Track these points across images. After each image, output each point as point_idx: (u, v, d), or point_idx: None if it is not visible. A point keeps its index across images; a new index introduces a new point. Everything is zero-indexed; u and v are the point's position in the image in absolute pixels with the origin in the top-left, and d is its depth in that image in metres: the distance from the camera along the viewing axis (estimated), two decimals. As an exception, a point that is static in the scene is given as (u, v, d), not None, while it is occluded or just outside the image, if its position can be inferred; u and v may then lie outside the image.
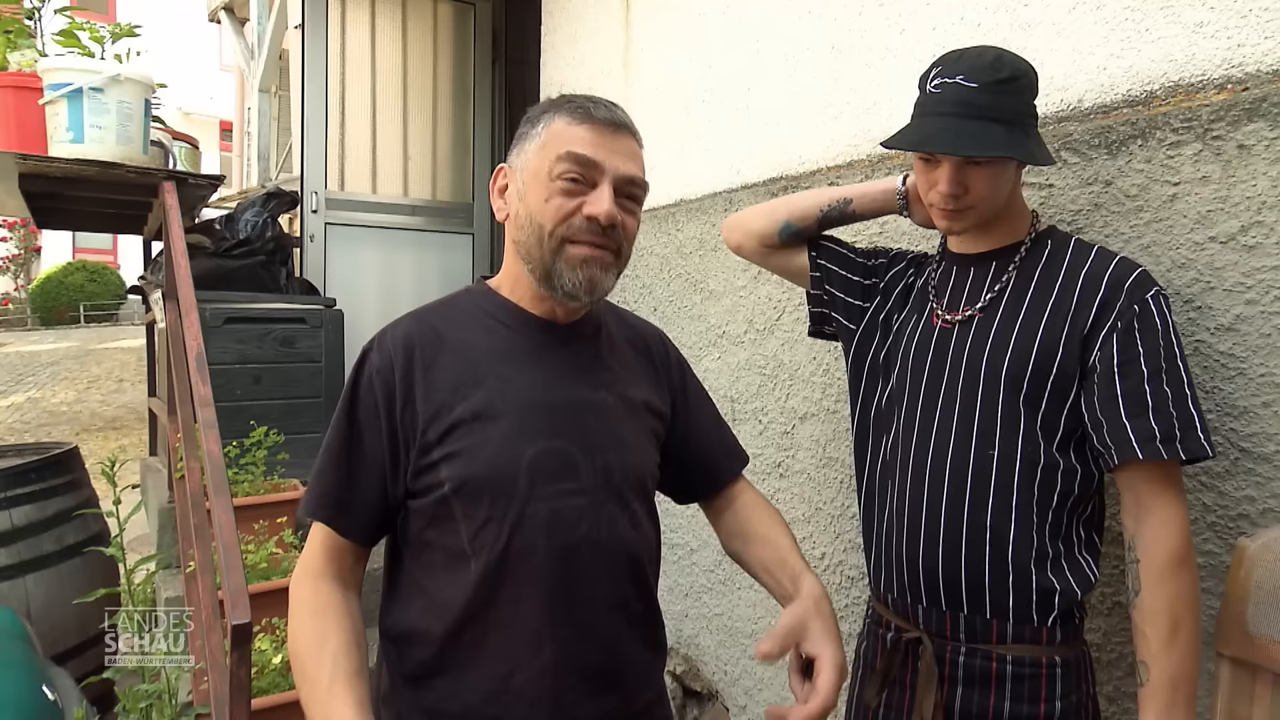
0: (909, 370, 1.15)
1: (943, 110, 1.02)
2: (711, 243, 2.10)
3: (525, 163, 0.96)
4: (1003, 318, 1.06)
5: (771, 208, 1.34)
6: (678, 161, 2.27)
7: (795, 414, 1.85)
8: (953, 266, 1.17)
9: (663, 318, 2.30)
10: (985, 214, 1.08)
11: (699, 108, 2.19)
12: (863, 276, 1.28)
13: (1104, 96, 1.29)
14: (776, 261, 1.37)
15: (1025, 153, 1.00)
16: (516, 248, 0.97)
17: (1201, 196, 1.14)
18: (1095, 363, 1.00)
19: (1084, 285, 1.02)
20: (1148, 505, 0.97)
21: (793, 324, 1.86)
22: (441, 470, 0.90)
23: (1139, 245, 1.20)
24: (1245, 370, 1.10)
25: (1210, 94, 1.15)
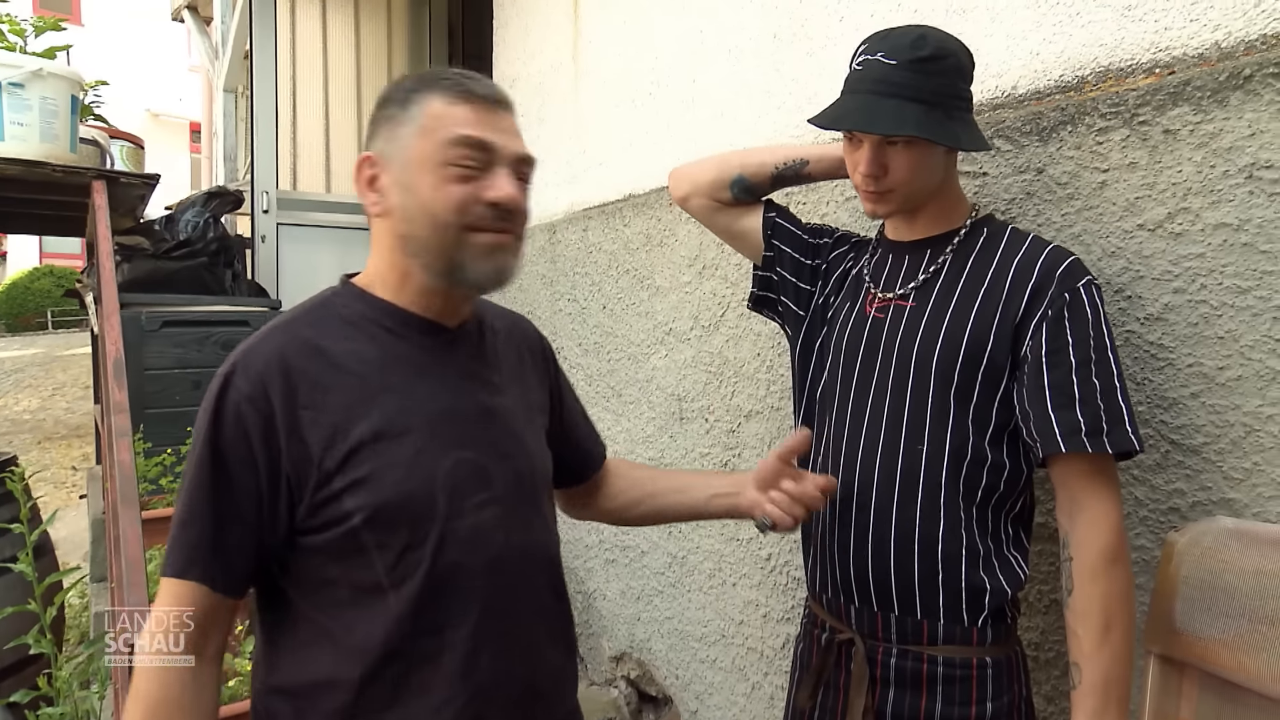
0: (840, 361, 1.13)
1: (861, 88, 1.00)
2: (658, 238, 2.07)
3: (403, 150, 0.88)
4: (934, 307, 1.04)
5: (723, 159, 1.29)
6: (627, 156, 2.24)
7: (740, 412, 1.83)
8: (888, 254, 1.14)
9: (611, 314, 2.27)
10: (909, 198, 1.05)
11: (646, 101, 2.16)
12: (809, 257, 1.25)
13: (1037, 82, 1.27)
14: (722, 220, 1.31)
15: (943, 133, 0.98)
16: (403, 243, 0.89)
17: (1130, 184, 1.12)
18: (1025, 352, 0.97)
19: (1016, 273, 1.00)
20: (1080, 501, 0.95)
21: (737, 320, 1.84)
22: (346, 501, 0.82)
23: (1070, 234, 1.18)
24: (1174, 361, 1.08)
25: (1139, 78, 1.13)
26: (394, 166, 0.88)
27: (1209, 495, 1.05)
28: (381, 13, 3.63)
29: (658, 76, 2.12)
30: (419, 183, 0.86)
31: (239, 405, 0.82)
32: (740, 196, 1.28)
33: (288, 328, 0.89)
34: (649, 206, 2.11)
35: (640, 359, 2.15)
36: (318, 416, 0.83)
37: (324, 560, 0.84)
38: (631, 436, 2.19)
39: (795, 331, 1.25)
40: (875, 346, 1.08)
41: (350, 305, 0.92)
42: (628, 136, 2.23)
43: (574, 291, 2.44)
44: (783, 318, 1.28)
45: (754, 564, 1.82)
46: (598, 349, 2.33)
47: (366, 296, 0.93)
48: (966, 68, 1.04)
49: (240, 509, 0.82)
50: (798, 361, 1.23)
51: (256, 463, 0.82)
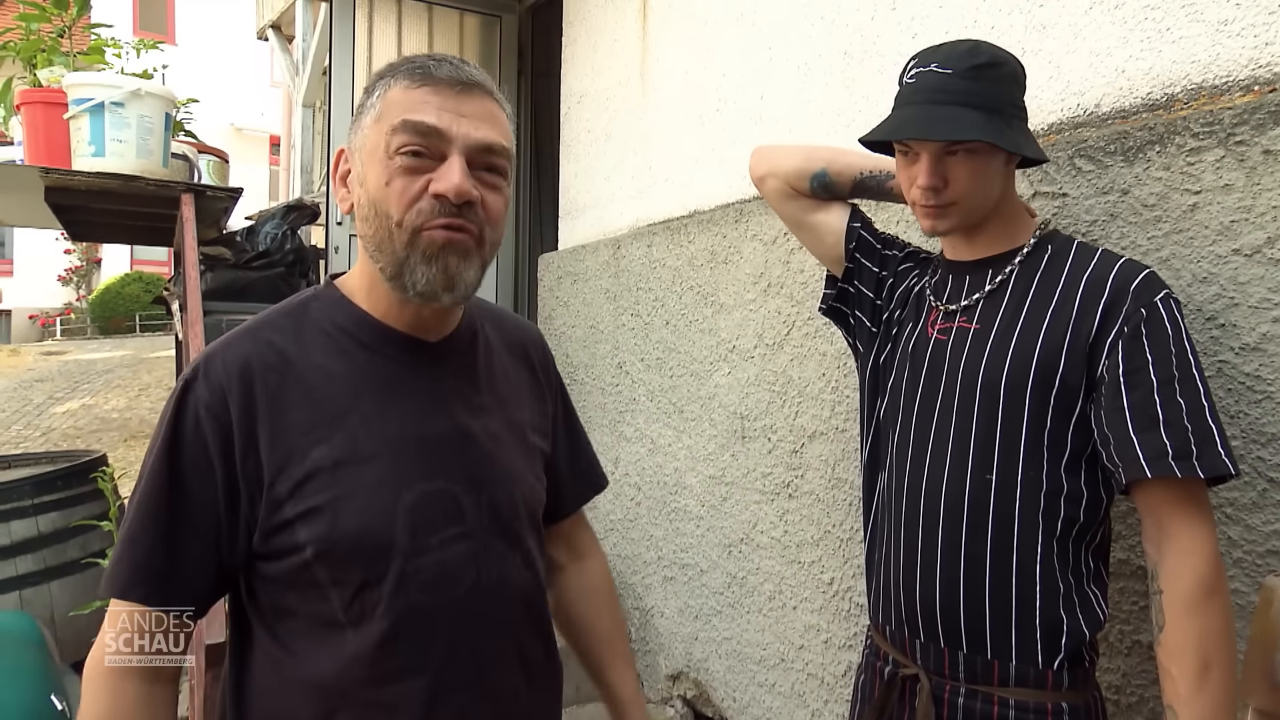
0: (903, 384, 1.10)
1: (917, 99, 0.98)
2: (723, 255, 2.06)
3: (362, 140, 0.79)
4: (999, 329, 1.01)
5: (811, 151, 1.26)
6: (693, 172, 2.24)
7: (804, 432, 1.80)
8: (948, 274, 1.11)
9: (674, 330, 2.27)
10: (970, 211, 1.02)
11: (713, 117, 2.16)
12: (880, 268, 1.22)
13: (1122, 100, 1.23)
14: (794, 209, 1.27)
15: (1005, 139, 0.95)
16: (363, 244, 0.81)
17: (1224, 206, 1.07)
18: (1102, 373, 0.93)
19: (1086, 290, 0.96)
20: (1169, 530, 0.89)
21: (803, 339, 1.81)
22: (299, 531, 0.75)
23: (1158, 258, 1.14)
24: (1273, 394, 1.03)
25: (1235, 96, 1.09)
26: (355, 159, 0.81)
27: None
28: (454, 31, 3.73)
29: (725, 93, 2.11)
30: (370, 175, 0.78)
31: (198, 413, 0.75)
32: (818, 192, 1.25)
33: (257, 333, 0.81)
34: (714, 223, 2.10)
35: (703, 376, 2.14)
36: (275, 436, 0.76)
37: (283, 588, 0.77)
38: (693, 454, 2.18)
39: (866, 348, 1.21)
40: (938, 370, 1.05)
41: (327, 312, 0.84)
42: (694, 153, 2.23)
43: (637, 306, 2.44)
44: (854, 333, 1.25)
45: (815, 588, 1.78)
46: (660, 364, 2.33)
47: (345, 304, 0.84)
48: (1021, 77, 1.02)
49: (196, 524, 0.75)
50: (867, 380, 1.20)
51: (215, 476, 0.75)
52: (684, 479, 2.22)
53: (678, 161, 2.30)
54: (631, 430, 2.47)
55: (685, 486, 2.22)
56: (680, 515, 2.25)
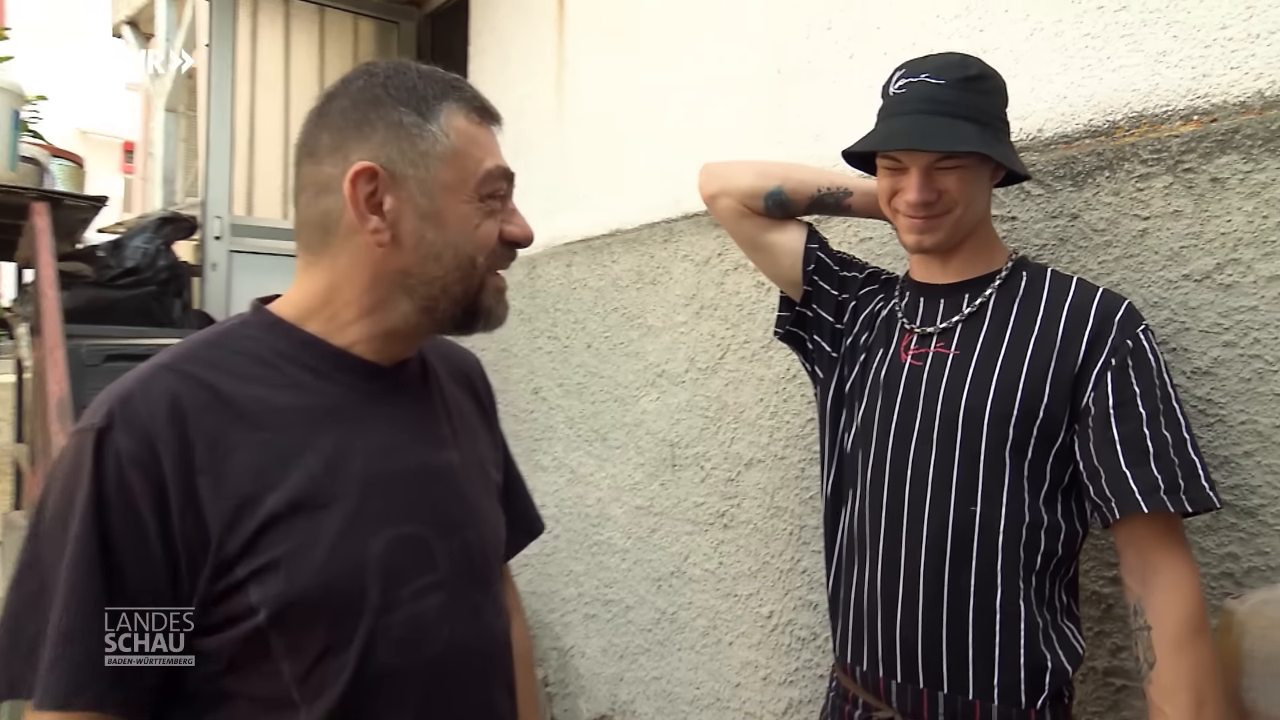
0: (876, 411, 1.07)
1: (908, 109, 0.97)
2: (650, 275, 2.01)
3: (429, 171, 0.74)
4: (981, 356, 1.00)
5: (765, 167, 1.23)
6: (614, 189, 2.19)
7: (740, 460, 1.76)
8: (919, 297, 1.09)
9: (597, 354, 2.20)
10: (960, 227, 1.01)
11: (637, 134, 2.12)
12: (841, 292, 1.20)
13: (1065, 126, 1.25)
14: (747, 229, 1.24)
15: (1001, 154, 0.96)
16: (402, 279, 0.75)
17: (1174, 232, 1.10)
18: (1089, 404, 0.94)
19: (1069, 319, 0.97)
20: (1155, 564, 0.91)
21: (738, 363, 1.78)
22: (250, 592, 0.66)
23: (1108, 283, 1.16)
24: (1225, 417, 1.06)
25: (1176, 125, 1.13)
26: (412, 189, 0.74)
27: (1266, 560, 1.02)
28: (347, 36, 3.55)
29: (650, 108, 2.07)
30: (452, 214, 0.75)
31: (122, 470, 0.64)
32: (772, 210, 1.22)
33: (179, 366, 0.70)
34: (640, 243, 2.06)
35: (628, 401, 2.08)
36: (219, 485, 0.66)
37: (220, 668, 0.67)
38: (618, 483, 2.11)
39: (827, 374, 1.19)
40: (914, 397, 1.03)
41: (264, 339, 0.75)
42: (616, 169, 2.18)
43: (555, 329, 2.37)
44: (812, 358, 1.23)
45: (753, 621, 1.74)
46: (580, 390, 2.26)
47: (286, 329, 0.76)
48: (1005, 91, 1.03)
49: (131, 601, 0.65)
50: (829, 407, 1.17)
51: (150, 543, 0.64)
52: (608, 510, 2.15)
53: (599, 178, 2.25)
54: (549, 460, 2.38)
55: (609, 518, 2.14)
56: (603, 549, 2.16)
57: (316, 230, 0.76)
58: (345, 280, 0.75)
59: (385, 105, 0.74)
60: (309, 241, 0.77)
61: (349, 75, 0.77)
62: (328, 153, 0.74)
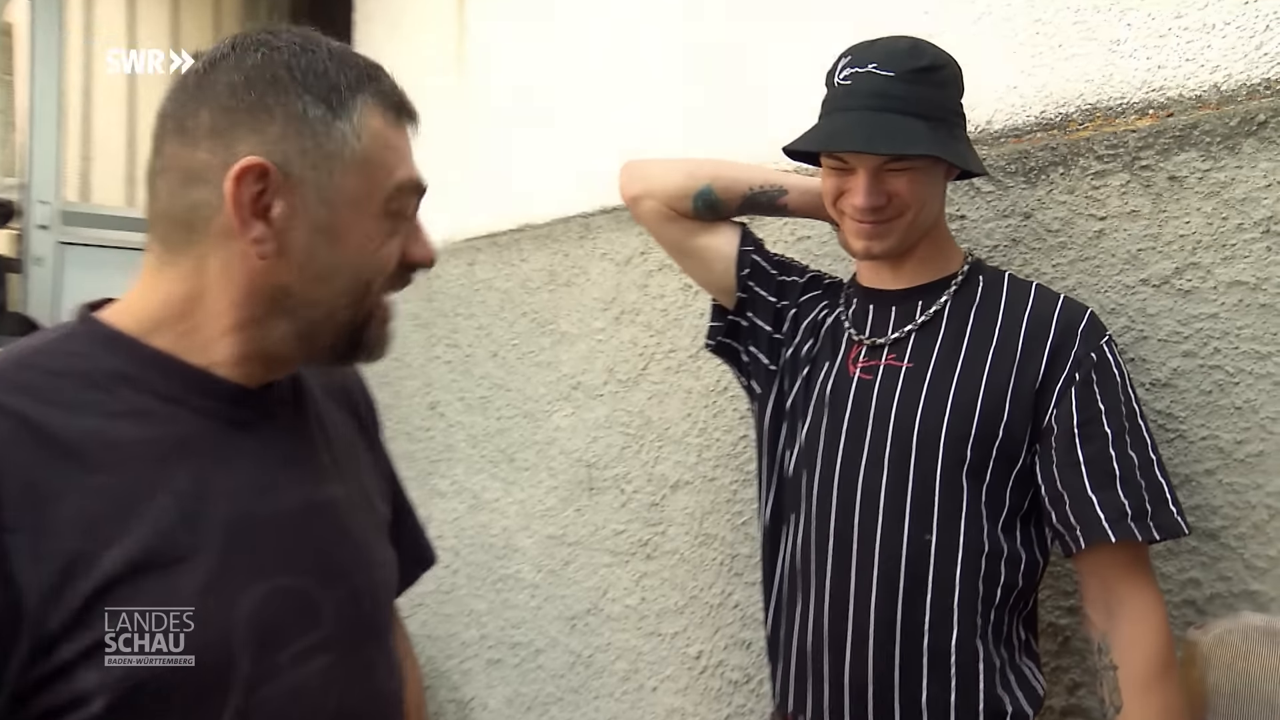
0: (821, 430, 1.07)
1: (854, 104, 0.97)
2: (565, 276, 1.98)
3: (333, 178, 0.68)
4: (936, 370, 1.01)
5: (692, 166, 1.23)
6: (524, 179, 2.16)
7: (666, 482, 1.75)
8: (869, 304, 1.10)
9: (503, 364, 2.16)
10: (913, 231, 1.02)
11: (552, 118, 2.08)
12: (780, 299, 1.20)
13: (1015, 118, 1.28)
14: (674, 233, 1.24)
15: (955, 153, 0.96)
16: (282, 296, 0.69)
17: (1131, 233, 1.13)
18: (1051, 422, 0.96)
19: (1029, 329, 0.98)
20: (1120, 595, 0.93)
21: (663, 374, 1.76)
22: (81, 678, 0.58)
23: (1063, 287, 1.18)
24: (1185, 433, 1.09)
25: (1131, 119, 1.16)
26: (309, 195, 0.68)
27: (1229, 587, 1.05)
28: None
29: (565, 90, 2.04)
30: (351, 231, 0.69)
31: None
32: (702, 213, 1.22)
33: None
34: (553, 239, 2.02)
35: (539, 418, 2.04)
36: (37, 543, 0.58)
37: None
38: (527, 510, 2.07)
39: (765, 388, 1.18)
40: (864, 414, 1.03)
41: (96, 358, 0.66)
42: (527, 156, 2.15)
43: (455, 336, 2.31)
44: (749, 371, 1.22)
45: (680, 663, 1.72)
46: (485, 405, 2.21)
47: (126, 344, 0.67)
48: (961, 81, 1.04)
49: None
50: (768, 425, 1.17)
51: None
52: (515, 540, 2.10)
53: (506, 166, 2.21)
54: (447, 484, 2.32)
55: (517, 549, 2.10)
56: (510, 584, 2.12)
57: (179, 226, 0.68)
58: (212, 289, 0.68)
59: (288, 90, 0.67)
60: (167, 237, 0.69)
61: (242, 41, 0.69)
62: (206, 135, 0.67)
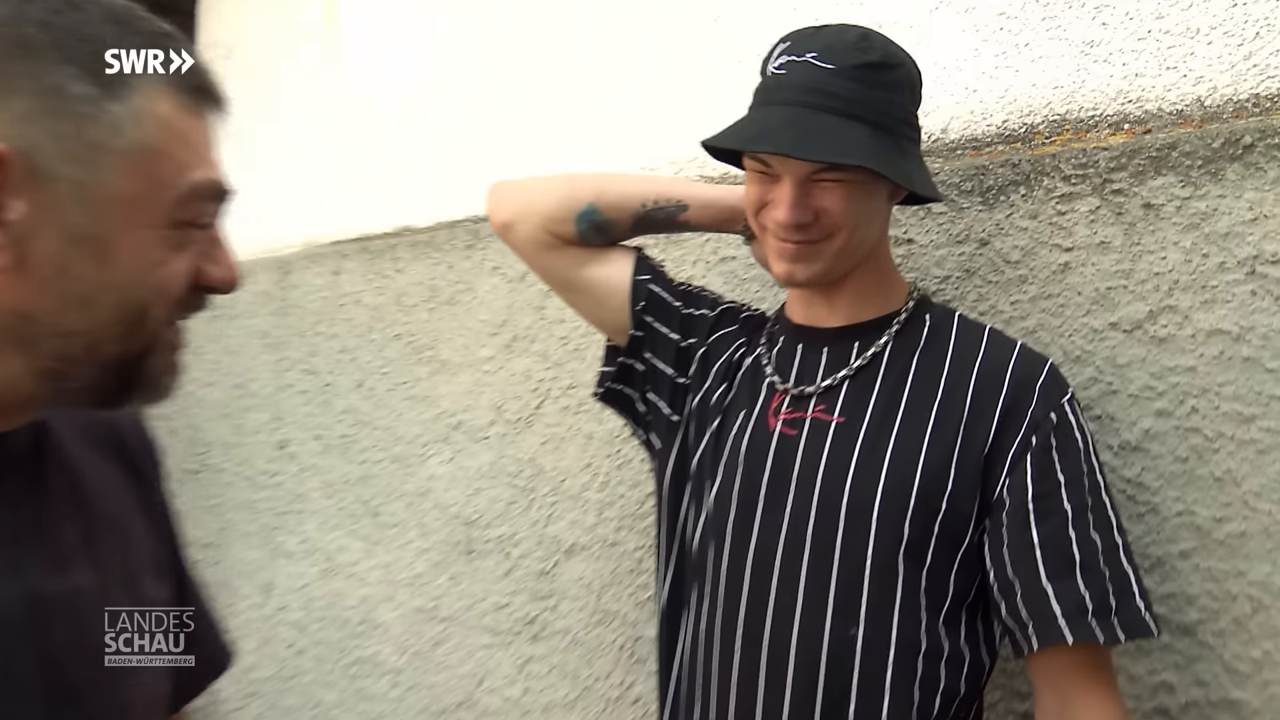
0: (733, 495, 1.06)
1: (785, 98, 0.96)
2: (448, 293, 1.96)
3: (98, 176, 0.63)
4: (871, 426, 1.00)
5: (573, 181, 1.22)
6: (402, 173, 2.14)
7: (559, 546, 1.73)
8: (795, 344, 1.10)
9: (371, 396, 2.12)
10: (845, 257, 1.01)
11: (434, 104, 2.07)
12: (686, 336, 1.20)
13: (975, 127, 1.29)
14: (557, 262, 1.22)
15: (898, 170, 0.95)
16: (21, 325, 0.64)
17: (1100, 269, 1.13)
18: (1002, 494, 0.95)
19: (980, 383, 0.99)
20: (1078, 707, 0.92)
21: (560, 415, 1.74)
22: None
23: (1022, 329, 1.19)
24: (1157, 506, 1.09)
25: (1104, 134, 1.17)
26: (63, 196, 0.62)
27: (1207, 694, 1.05)
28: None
29: (449, 73, 2.04)
30: (123, 243, 0.64)
31: None
32: (588, 236, 1.20)
33: None
34: (436, 247, 2.00)
35: (411, 463, 2.01)
36: None
37: None
38: (392, 576, 2.02)
39: (667, 443, 1.18)
40: (785, 476, 1.02)
41: None
42: (406, 147, 2.13)
43: (314, 360, 2.27)
44: (647, 423, 1.22)
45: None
46: (346, 446, 2.17)
47: None
48: (918, 86, 1.03)
49: None
50: (668, 487, 1.16)
51: None
52: (376, 614, 2.05)
53: (381, 157, 2.19)
54: (296, 542, 2.26)
55: (377, 625, 2.04)
56: (368, 668, 2.06)
57: None
58: None
59: (41, 57, 0.61)
60: None
61: None
62: None
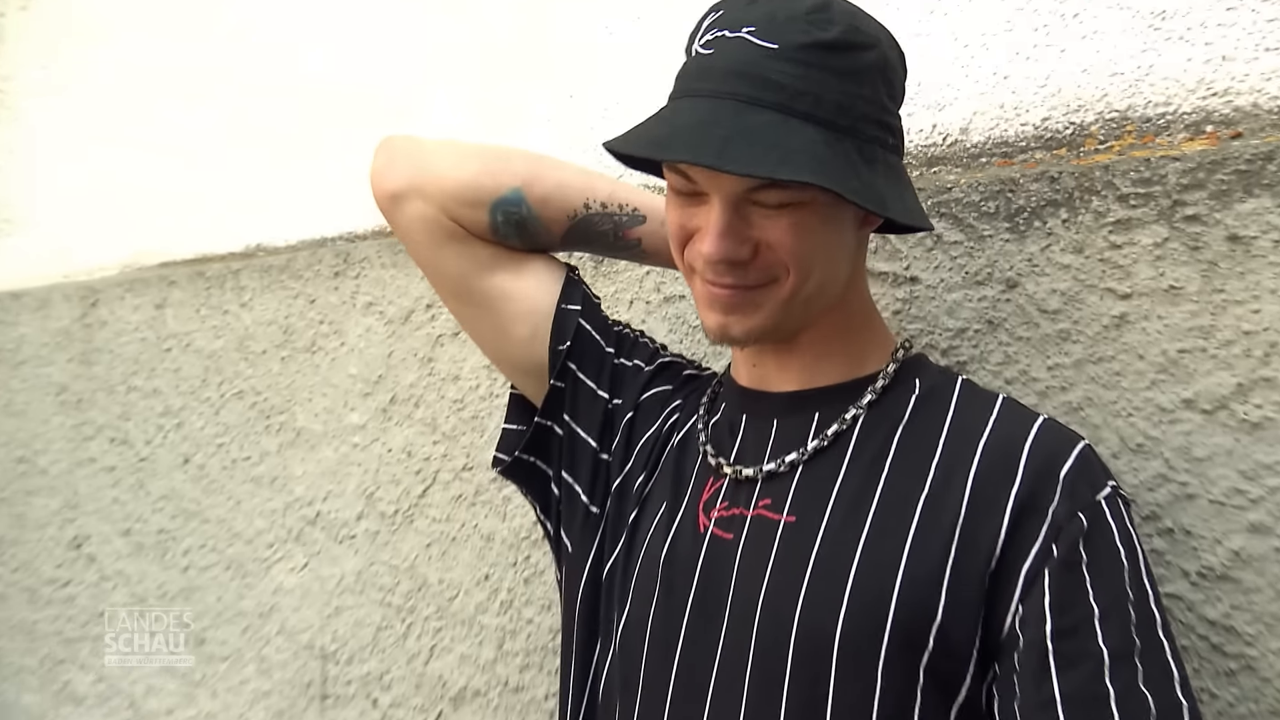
0: (646, 627, 1.08)
1: (710, 88, 0.95)
2: (307, 337, 1.99)
3: None
4: (832, 527, 0.99)
5: (497, 157, 1.21)
6: (253, 175, 2.19)
7: (445, 690, 1.76)
8: (740, 413, 1.11)
9: (201, 478, 2.15)
10: (796, 307, 1.00)
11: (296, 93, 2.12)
12: (611, 392, 1.23)
13: (1004, 125, 1.28)
14: (455, 263, 1.21)
15: (863, 189, 0.92)
16: None
17: (1170, 324, 1.11)
18: (1015, 628, 0.93)
19: (984, 469, 0.97)
20: None
21: (451, 505, 1.78)
22: None
23: (1063, 403, 1.18)
24: (1254, 662, 1.06)
25: (1177, 138, 1.14)
26: None
27: None
28: None
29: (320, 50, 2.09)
30: None
31: None
32: (503, 233, 1.20)
33: None
34: (293, 275, 2.03)
35: (252, 572, 2.03)
36: None
37: None
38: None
39: (580, 545, 1.20)
40: (719, 595, 1.03)
41: None
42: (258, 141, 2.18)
43: (124, 426, 2.32)
44: (558, 513, 1.24)
45: None
46: (164, 545, 2.20)
47: None
48: (895, 71, 1.00)
49: None
50: (580, 609, 1.18)
51: None
52: None
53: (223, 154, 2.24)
54: (89, 681, 2.29)
55: None
56: None
57: None
58: None
59: None
60: None
61: None
62: None
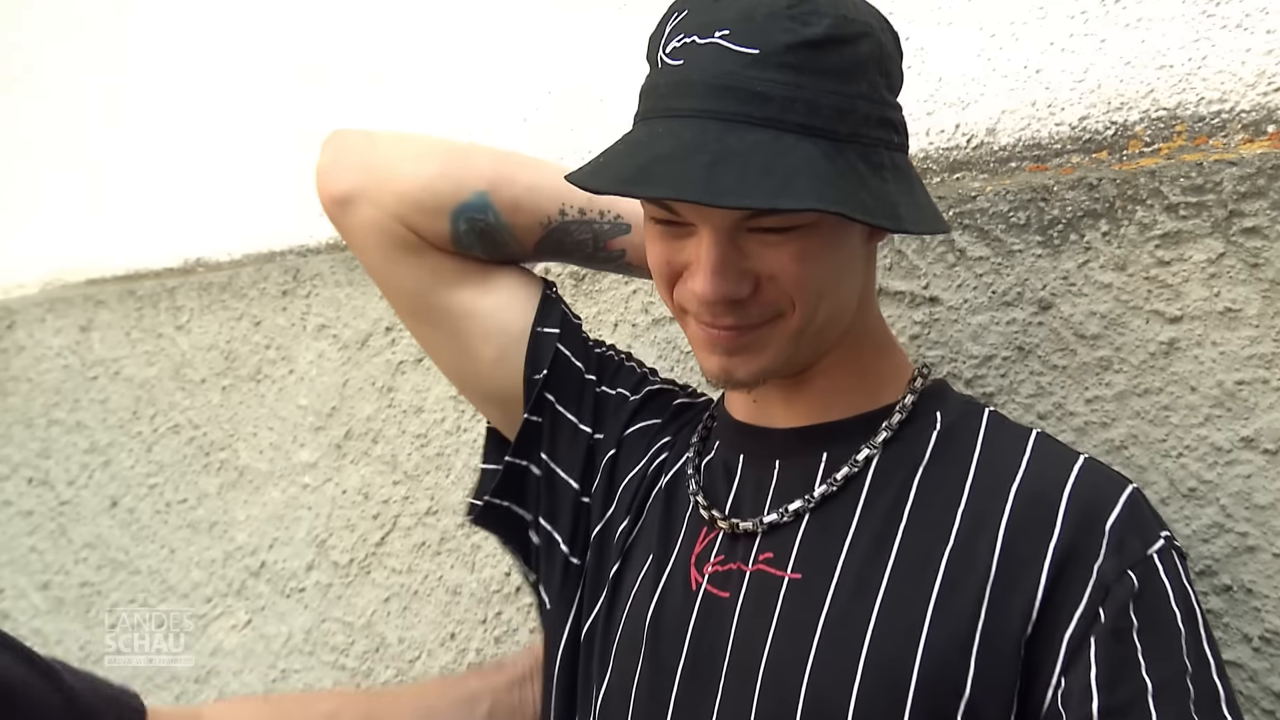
0: (629, 698, 1.10)
1: (686, 106, 0.95)
2: (250, 364, 2.03)
3: None
4: (844, 586, 1.01)
5: (459, 155, 1.24)
6: (191, 183, 2.23)
7: None
8: (738, 453, 1.13)
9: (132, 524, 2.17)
10: (805, 342, 1.02)
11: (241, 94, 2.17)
12: (594, 425, 1.25)
13: (1036, 126, 1.30)
14: (411, 276, 1.24)
15: (876, 205, 0.92)
16: None
17: (1226, 352, 1.13)
18: (1057, 704, 0.93)
19: (1016, 518, 0.98)
20: None
21: (414, 555, 1.81)
22: None
23: (1104, 441, 1.21)
24: None
25: (1234, 140, 1.15)
26: None
27: None
28: None
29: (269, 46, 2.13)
30: None
31: None
32: (469, 244, 1.22)
33: None
34: (236, 294, 2.07)
35: (187, 631, 2.02)
36: None
37: None
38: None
39: (560, 601, 1.22)
40: (713, 659, 1.05)
41: None
42: (197, 145, 2.22)
43: (43, 464, 2.36)
44: (537, 562, 1.26)
45: None
46: (88, 599, 2.23)
47: None
48: (890, 60, 1.01)
49: None
50: (560, 671, 1.21)
51: None
52: None
53: (159, 158, 2.28)
54: None
55: None
56: None
57: None
58: None
59: None
60: None
61: None
62: None
